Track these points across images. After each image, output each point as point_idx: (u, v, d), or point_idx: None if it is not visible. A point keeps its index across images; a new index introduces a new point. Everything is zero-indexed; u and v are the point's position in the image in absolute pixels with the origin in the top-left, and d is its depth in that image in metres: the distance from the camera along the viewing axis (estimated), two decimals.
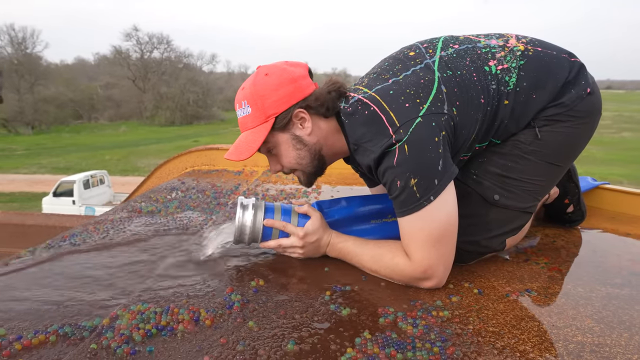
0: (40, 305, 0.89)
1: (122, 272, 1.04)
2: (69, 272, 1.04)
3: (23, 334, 0.78)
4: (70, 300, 0.91)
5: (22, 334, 0.78)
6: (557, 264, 1.15)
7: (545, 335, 0.82)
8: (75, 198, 11.77)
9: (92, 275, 1.02)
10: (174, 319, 0.84)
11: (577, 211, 1.42)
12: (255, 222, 1.10)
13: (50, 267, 1.06)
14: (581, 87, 1.04)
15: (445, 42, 1.09)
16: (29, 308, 0.88)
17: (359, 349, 0.77)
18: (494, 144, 1.08)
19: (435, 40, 1.11)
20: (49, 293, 0.94)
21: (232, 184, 1.91)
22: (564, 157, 1.09)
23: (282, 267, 1.10)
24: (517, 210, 1.08)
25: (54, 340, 0.77)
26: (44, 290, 0.95)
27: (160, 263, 1.10)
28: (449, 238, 0.98)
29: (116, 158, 21.90)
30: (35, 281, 0.99)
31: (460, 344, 0.79)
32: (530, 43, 1.08)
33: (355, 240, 1.11)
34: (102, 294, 0.94)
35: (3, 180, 17.32)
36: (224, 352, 0.75)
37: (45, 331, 0.79)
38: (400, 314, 0.88)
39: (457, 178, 1.03)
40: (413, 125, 0.93)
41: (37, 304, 0.89)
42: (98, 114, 37.59)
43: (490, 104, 1.02)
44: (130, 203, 1.63)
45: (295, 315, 0.88)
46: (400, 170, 0.93)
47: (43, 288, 0.96)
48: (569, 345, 0.79)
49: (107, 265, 1.08)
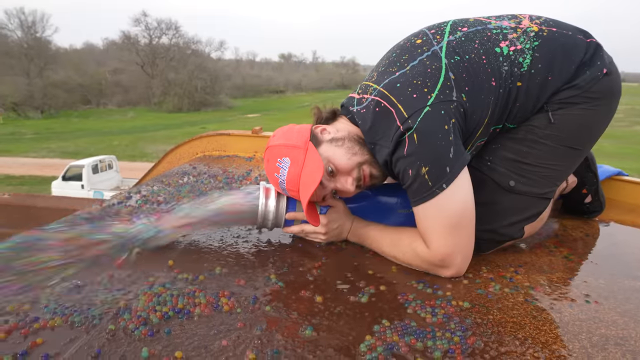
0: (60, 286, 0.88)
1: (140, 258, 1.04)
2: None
3: (40, 314, 0.78)
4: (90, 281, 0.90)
5: (39, 315, 0.78)
6: (577, 255, 1.13)
7: (567, 327, 0.80)
8: (84, 182, 11.89)
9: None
10: (191, 302, 0.84)
11: (596, 202, 1.39)
12: (279, 208, 1.10)
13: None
14: (597, 67, 1.01)
15: (453, 25, 1.06)
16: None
17: (377, 336, 0.76)
18: (508, 129, 1.05)
19: (443, 25, 1.08)
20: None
21: (244, 170, 1.90)
22: (582, 140, 1.06)
23: (302, 253, 1.09)
24: (534, 196, 1.06)
25: (72, 321, 0.77)
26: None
27: (178, 248, 1.09)
28: (465, 225, 0.96)
29: (124, 143, 22.02)
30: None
31: (480, 334, 0.77)
32: (544, 23, 1.05)
33: (375, 226, 1.11)
34: (121, 275, 0.93)
35: (13, 163, 17.50)
36: (241, 336, 0.74)
37: (63, 313, 0.79)
38: (419, 302, 0.86)
39: (471, 165, 1.01)
40: (421, 115, 0.92)
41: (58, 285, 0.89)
42: (106, 99, 37.71)
43: (502, 86, 1.00)
44: (142, 186, 1.63)
45: (314, 301, 0.87)
46: (411, 160, 0.92)
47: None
48: (593, 337, 0.77)
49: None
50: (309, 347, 0.73)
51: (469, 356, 0.72)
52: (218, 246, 1.11)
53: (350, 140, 1.05)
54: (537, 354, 0.72)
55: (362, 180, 1.05)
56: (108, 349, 0.70)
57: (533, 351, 0.73)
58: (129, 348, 0.71)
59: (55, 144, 22.06)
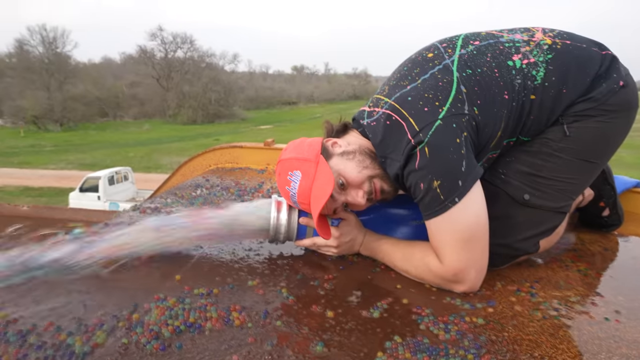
0: (75, 298, 0.89)
1: (155, 266, 1.04)
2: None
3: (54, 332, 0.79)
4: (101, 293, 0.91)
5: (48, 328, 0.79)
6: (595, 270, 1.10)
7: (586, 345, 0.78)
8: (101, 194, 12.07)
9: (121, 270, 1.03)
10: (202, 316, 0.84)
11: (614, 215, 1.36)
12: (291, 222, 1.10)
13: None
14: (613, 80, 0.99)
15: (465, 39, 1.06)
16: (66, 301, 0.88)
17: (389, 353, 0.74)
18: (522, 141, 1.04)
19: (455, 39, 1.08)
20: (75, 287, 0.95)
21: (256, 182, 1.91)
22: (598, 154, 1.04)
23: (313, 266, 1.09)
24: (549, 210, 1.04)
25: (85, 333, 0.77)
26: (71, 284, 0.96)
27: (189, 259, 1.10)
28: (478, 240, 0.95)
29: (140, 155, 22.36)
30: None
31: (495, 352, 0.76)
32: (558, 36, 1.04)
33: (387, 239, 1.10)
34: (133, 287, 0.94)
35: (33, 175, 17.90)
36: (252, 351, 0.74)
37: (83, 325, 0.79)
38: (432, 319, 0.85)
39: (484, 178, 1.00)
40: (433, 128, 0.92)
41: (72, 297, 0.90)
42: (123, 112, 38.48)
43: (515, 99, 0.99)
44: (156, 199, 1.64)
45: (325, 316, 0.86)
46: (422, 173, 0.92)
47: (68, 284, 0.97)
48: (613, 357, 0.75)
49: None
50: None
51: None
52: (230, 259, 1.11)
53: (361, 154, 1.05)
54: None
55: (373, 194, 1.05)
56: None
57: None
58: None
59: (73, 156, 22.53)
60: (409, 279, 1.02)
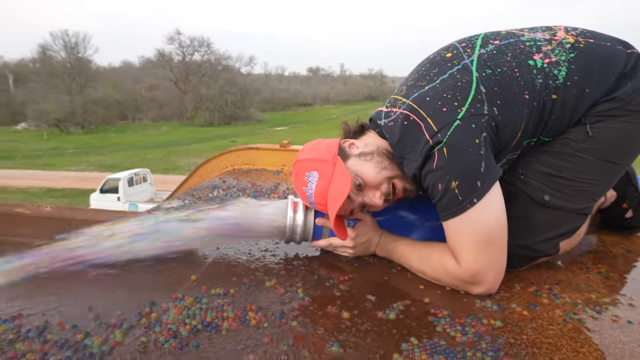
0: (96, 296, 0.91)
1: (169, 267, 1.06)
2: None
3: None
4: (122, 291, 0.93)
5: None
6: (617, 272, 1.07)
7: (608, 349, 0.76)
8: (120, 195, 12.31)
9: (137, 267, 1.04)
10: (219, 316, 0.84)
11: (637, 216, 1.32)
12: (307, 222, 1.11)
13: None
14: (639, 79, 0.97)
15: (485, 39, 1.05)
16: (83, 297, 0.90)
17: (405, 355, 0.74)
18: (543, 142, 1.02)
19: (474, 38, 1.06)
20: (100, 283, 0.97)
21: (272, 183, 1.92)
22: (622, 155, 1.01)
23: (329, 267, 1.09)
24: (570, 211, 1.02)
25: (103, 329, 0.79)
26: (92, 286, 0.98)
27: (206, 260, 1.11)
28: (497, 241, 0.93)
29: (158, 157, 22.72)
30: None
31: (513, 355, 0.74)
32: (581, 35, 1.02)
33: (404, 240, 1.09)
34: (152, 287, 0.96)
35: (55, 177, 18.37)
36: (268, 351, 0.75)
37: (104, 324, 0.81)
38: (449, 321, 0.84)
39: (503, 179, 0.99)
40: (452, 129, 0.91)
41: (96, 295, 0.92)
42: (142, 114, 39.18)
43: (536, 99, 0.97)
44: (174, 200, 1.67)
45: (341, 317, 0.86)
46: (440, 174, 0.91)
47: (92, 283, 0.99)
48: None
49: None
50: None
51: None
52: (246, 260, 1.12)
53: (379, 155, 1.04)
54: None
55: (391, 195, 1.04)
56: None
57: None
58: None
59: (94, 158, 23.03)
60: (426, 281, 1.01)
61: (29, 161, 22.19)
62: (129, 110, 38.71)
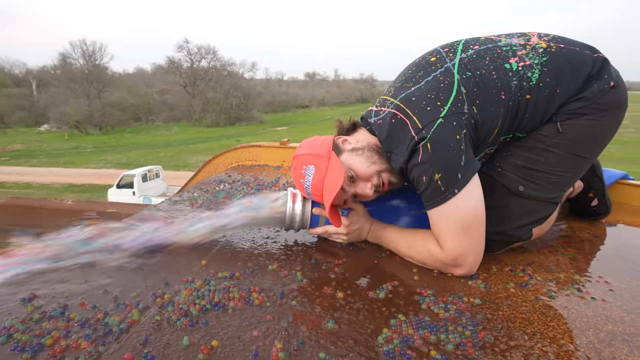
0: (114, 280, 0.91)
1: (180, 255, 1.06)
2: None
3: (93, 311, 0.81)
4: (140, 276, 0.93)
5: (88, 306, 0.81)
6: (584, 254, 1.08)
7: (575, 323, 0.77)
8: (135, 189, 12.27)
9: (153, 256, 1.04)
10: (226, 296, 0.85)
11: (602, 205, 1.33)
12: (305, 212, 1.11)
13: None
14: (604, 81, 0.97)
15: (465, 44, 1.05)
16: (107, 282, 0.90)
17: (394, 329, 0.75)
18: (518, 137, 1.03)
19: (456, 44, 1.07)
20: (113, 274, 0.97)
21: (273, 177, 1.92)
22: (590, 149, 1.02)
23: (325, 252, 1.09)
24: (542, 200, 1.02)
25: (118, 309, 0.79)
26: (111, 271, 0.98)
27: (214, 246, 1.11)
28: (476, 228, 0.94)
29: (169, 155, 22.62)
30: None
31: (491, 329, 0.75)
32: (552, 40, 1.02)
33: (392, 228, 1.10)
34: (165, 271, 0.96)
35: (75, 174, 18.26)
36: (270, 328, 0.75)
37: (122, 304, 0.81)
38: (433, 299, 0.85)
39: (482, 171, 0.99)
40: (435, 126, 0.91)
41: (116, 280, 0.92)
42: (154, 116, 38.95)
43: (512, 99, 0.97)
44: (184, 193, 1.67)
45: (335, 297, 0.86)
46: (425, 167, 0.91)
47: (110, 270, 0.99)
48: (600, 333, 0.74)
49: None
50: (331, 338, 0.72)
51: (480, 349, 0.70)
52: (250, 246, 1.12)
53: (369, 150, 1.04)
54: (545, 348, 0.70)
55: (380, 187, 1.05)
56: (154, 337, 0.72)
57: (541, 345, 0.70)
58: (172, 337, 0.72)
59: (111, 156, 22.90)
60: (412, 264, 1.02)
61: (51, 159, 22.03)
62: (143, 112, 38.45)
